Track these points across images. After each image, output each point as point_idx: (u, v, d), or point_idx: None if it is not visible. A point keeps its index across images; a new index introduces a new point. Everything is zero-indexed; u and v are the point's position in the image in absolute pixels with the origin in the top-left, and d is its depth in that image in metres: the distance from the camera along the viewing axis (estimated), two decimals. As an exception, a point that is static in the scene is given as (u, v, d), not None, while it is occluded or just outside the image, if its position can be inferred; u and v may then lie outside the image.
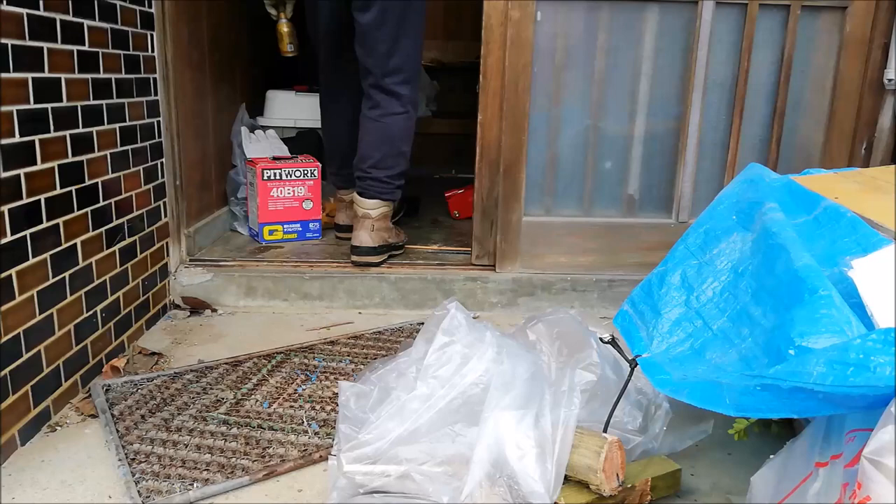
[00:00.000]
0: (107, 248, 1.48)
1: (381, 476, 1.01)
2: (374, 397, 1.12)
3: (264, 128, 2.47)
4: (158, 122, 1.73)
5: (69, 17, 1.32)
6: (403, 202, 2.48)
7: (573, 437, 1.00)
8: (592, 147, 1.89)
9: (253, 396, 1.37)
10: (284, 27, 2.33)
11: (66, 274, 1.32)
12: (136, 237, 1.63)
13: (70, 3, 1.32)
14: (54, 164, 1.28)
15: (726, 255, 1.10)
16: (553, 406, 1.02)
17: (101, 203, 1.45)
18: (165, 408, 1.32)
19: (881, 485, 0.68)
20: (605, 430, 1.04)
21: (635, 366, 1.06)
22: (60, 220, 1.30)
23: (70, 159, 1.33)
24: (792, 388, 0.75)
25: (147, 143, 1.67)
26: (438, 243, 2.17)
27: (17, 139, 1.16)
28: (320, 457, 1.18)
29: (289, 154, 2.33)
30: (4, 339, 1.14)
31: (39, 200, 1.23)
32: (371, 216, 1.94)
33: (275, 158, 2.21)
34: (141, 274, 1.66)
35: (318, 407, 1.34)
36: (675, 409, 1.11)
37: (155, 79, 1.71)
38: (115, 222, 1.52)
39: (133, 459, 1.15)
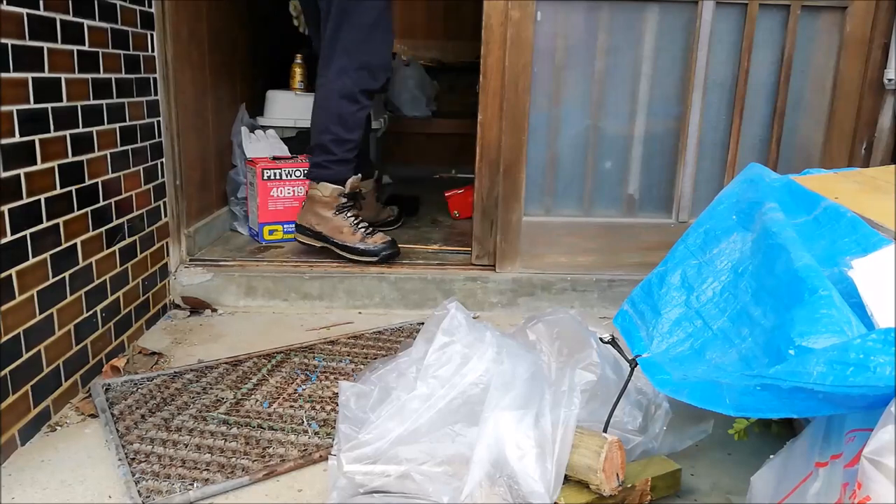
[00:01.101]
0: (107, 248, 1.48)
1: (381, 476, 1.01)
2: (374, 397, 1.12)
3: (264, 128, 2.47)
4: (158, 122, 1.73)
5: (69, 17, 1.32)
6: (400, 207, 2.44)
7: (573, 437, 1.00)
8: (592, 147, 1.89)
9: (253, 396, 1.37)
10: (297, 68, 2.57)
11: (66, 274, 1.32)
12: (136, 237, 1.63)
13: (70, 2, 1.32)
14: (54, 163, 1.28)
15: (726, 254, 1.10)
16: (553, 406, 1.02)
17: (101, 203, 1.45)
18: (165, 407, 1.32)
19: (881, 485, 0.68)
20: (605, 430, 1.04)
21: (635, 366, 1.06)
22: (60, 220, 1.30)
23: (70, 159, 1.33)
24: (792, 387, 0.75)
25: (147, 143, 1.67)
26: (438, 243, 2.17)
27: (17, 139, 1.17)
28: (320, 457, 1.18)
29: (289, 154, 2.33)
30: (4, 338, 1.14)
31: (39, 200, 1.23)
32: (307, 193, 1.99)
33: (275, 158, 2.21)
34: (141, 274, 1.66)
35: (318, 407, 1.34)
36: (675, 408, 1.11)
37: (155, 78, 1.71)
38: (115, 222, 1.52)
39: (133, 459, 1.15)
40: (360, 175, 1.98)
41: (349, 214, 1.93)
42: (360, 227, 1.92)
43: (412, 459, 1.02)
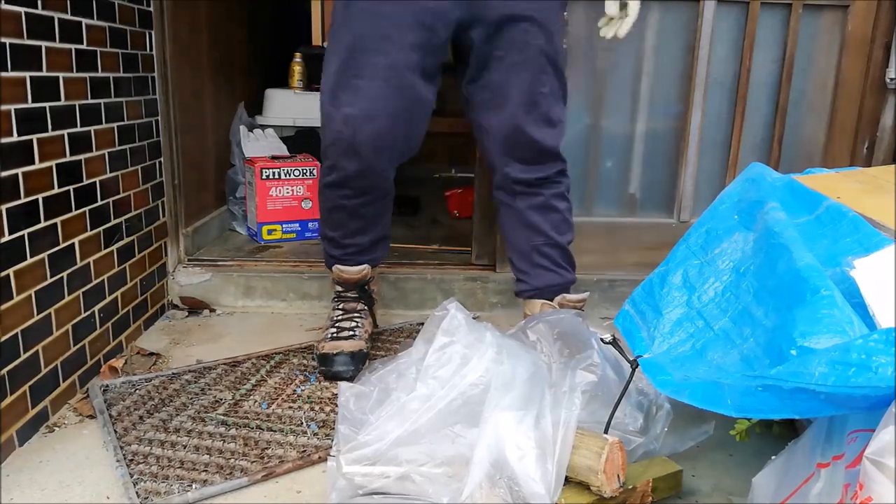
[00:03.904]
0: (105, 248, 1.48)
1: (381, 477, 1.01)
2: (373, 398, 1.12)
3: (263, 127, 2.46)
4: (156, 121, 1.73)
5: (67, 16, 1.31)
6: (400, 207, 2.32)
7: (574, 438, 0.99)
8: (593, 146, 1.88)
9: (251, 397, 1.37)
10: (296, 66, 2.59)
11: (64, 274, 1.32)
12: (135, 237, 1.62)
13: (68, 1, 1.31)
14: (52, 163, 1.27)
15: (728, 254, 1.09)
16: (553, 407, 1.02)
17: (99, 202, 1.45)
18: (164, 408, 1.31)
19: (883, 485, 0.68)
20: (606, 431, 1.04)
21: (636, 366, 1.05)
22: (58, 220, 1.30)
23: (68, 158, 1.32)
24: (793, 388, 0.75)
25: (145, 143, 1.67)
26: (438, 243, 2.17)
27: (14, 138, 1.16)
28: (319, 458, 1.17)
29: (287, 153, 2.33)
30: (2, 339, 1.13)
31: (37, 200, 1.23)
32: None
33: (273, 157, 2.21)
34: (139, 274, 1.65)
35: (316, 408, 1.34)
36: (677, 409, 1.11)
37: (153, 77, 1.70)
38: (114, 222, 1.51)
39: (131, 460, 1.14)
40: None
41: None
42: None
43: (412, 460, 1.01)
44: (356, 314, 1.52)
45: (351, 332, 1.48)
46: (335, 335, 1.48)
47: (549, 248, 1.49)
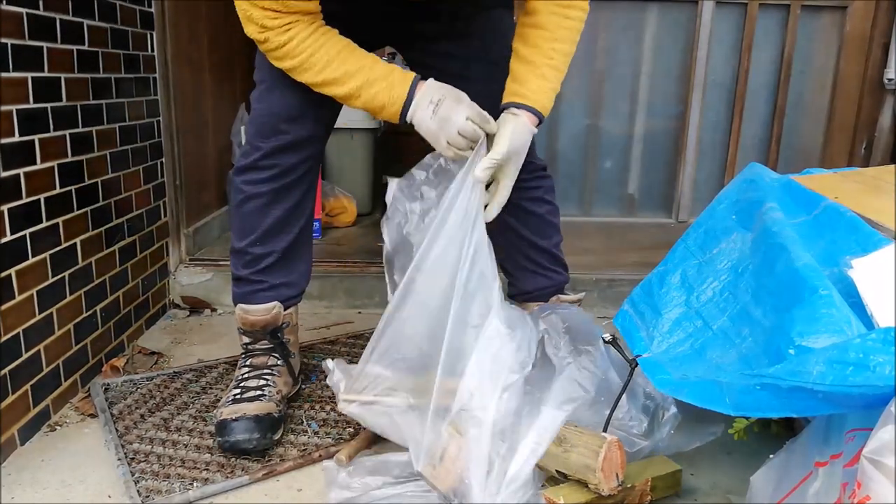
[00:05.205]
0: (106, 248, 1.48)
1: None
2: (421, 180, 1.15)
3: (264, 127, 2.46)
4: (158, 122, 1.73)
5: (69, 17, 1.32)
6: None
7: (572, 437, 1.00)
8: (592, 147, 1.89)
9: (252, 396, 1.37)
10: None
11: (66, 273, 1.32)
12: (136, 237, 1.63)
13: (70, 2, 1.32)
14: (54, 163, 1.28)
15: (726, 254, 1.10)
16: (541, 404, 1.03)
17: (101, 203, 1.45)
18: (165, 407, 1.32)
19: (881, 484, 0.68)
20: (604, 430, 1.04)
21: (636, 366, 1.06)
22: (60, 220, 1.30)
23: (70, 159, 1.33)
24: (791, 387, 0.75)
25: (146, 143, 1.67)
26: (438, 243, 2.17)
27: (16, 139, 1.16)
28: (320, 456, 1.18)
29: (288, 154, 2.33)
30: (4, 338, 1.14)
31: (39, 200, 1.23)
32: None
33: (274, 158, 2.21)
34: (140, 273, 1.66)
35: (317, 406, 1.34)
36: (683, 412, 1.11)
37: (154, 78, 1.71)
38: (115, 222, 1.52)
39: (132, 459, 1.15)
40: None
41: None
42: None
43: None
44: (266, 371, 1.27)
45: (258, 393, 1.23)
46: (237, 397, 1.22)
47: (533, 252, 1.40)
